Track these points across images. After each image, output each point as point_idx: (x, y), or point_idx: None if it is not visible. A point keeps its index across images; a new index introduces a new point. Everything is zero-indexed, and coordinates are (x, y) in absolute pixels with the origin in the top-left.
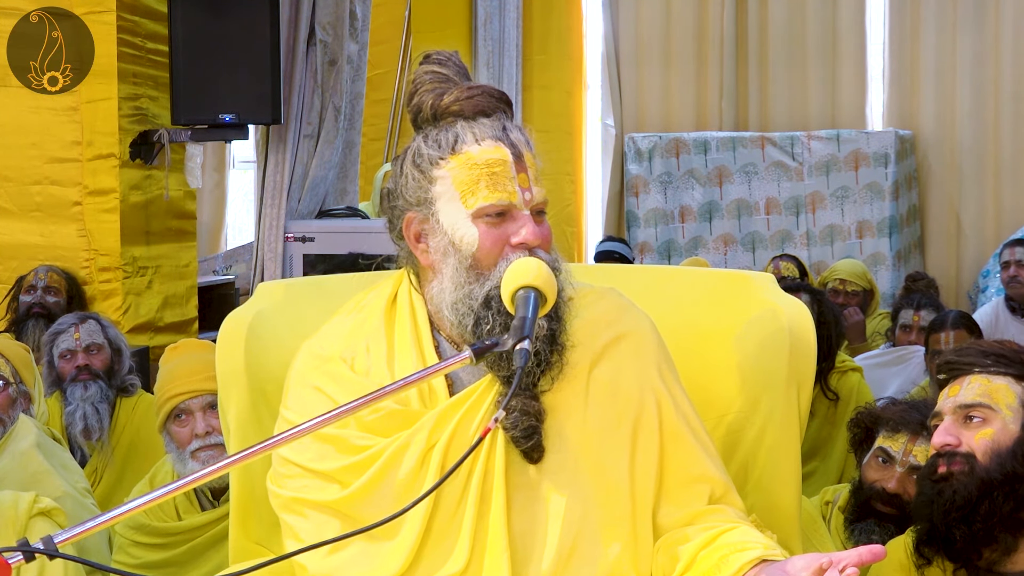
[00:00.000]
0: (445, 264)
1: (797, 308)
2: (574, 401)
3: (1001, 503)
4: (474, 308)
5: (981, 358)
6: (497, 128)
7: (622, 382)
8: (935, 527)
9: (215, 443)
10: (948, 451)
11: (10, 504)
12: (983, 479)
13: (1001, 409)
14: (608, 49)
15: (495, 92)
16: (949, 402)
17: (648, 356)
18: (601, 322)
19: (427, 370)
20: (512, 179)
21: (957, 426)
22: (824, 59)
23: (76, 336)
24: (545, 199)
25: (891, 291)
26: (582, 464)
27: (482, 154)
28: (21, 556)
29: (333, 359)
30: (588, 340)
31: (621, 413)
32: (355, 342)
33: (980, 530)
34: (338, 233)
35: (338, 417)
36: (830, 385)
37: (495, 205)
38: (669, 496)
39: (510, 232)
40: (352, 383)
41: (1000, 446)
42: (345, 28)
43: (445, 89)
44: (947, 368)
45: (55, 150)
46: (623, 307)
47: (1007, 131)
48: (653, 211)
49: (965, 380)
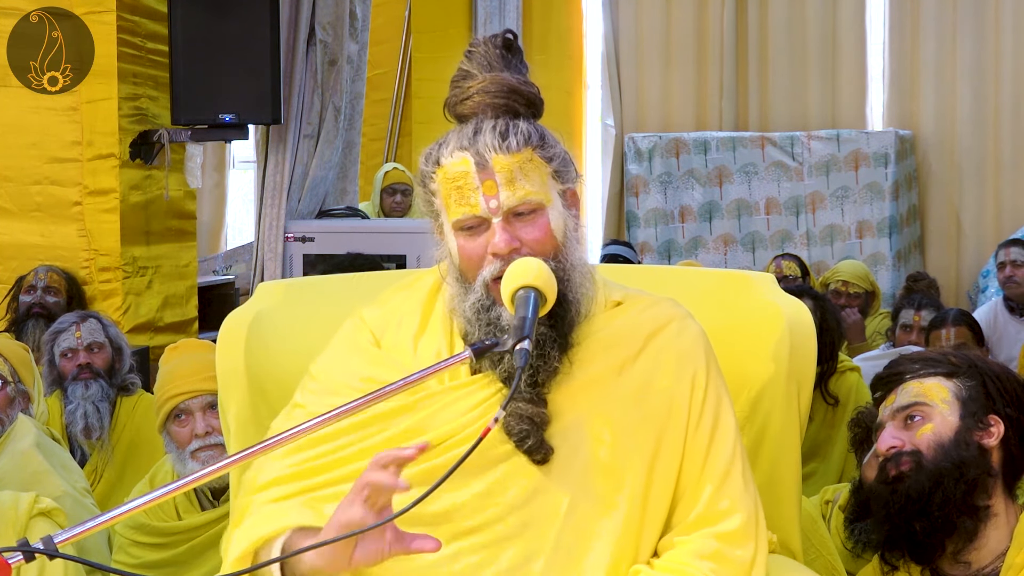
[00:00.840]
0: (448, 270)
1: (797, 308)
2: (593, 407)
3: (953, 489)
4: (466, 315)
5: (909, 364)
6: (469, 134)
7: (653, 392)
8: (895, 526)
9: (215, 443)
10: (895, 453)
11: (10, 504)
12: (931, 471)
13: (937, 404)
14: (608, 49)
15: (492, 87)
16: (888, 411)
17: (687, 369)
18: (645, 327)
19: (427, 370)
20: (475, 190)
21: (899, 429)
22: (824, 59)
23: (77, 335)
24: (525, 200)
25: (891, 291)
26: (592, 467)
27: (452, 167)
28: (21, 556)
29: (364, 329)
30: (627, 342)
31: (647, 423)
32: (391, 318)
33: (939, 518)
34: (338, 233)
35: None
36: (829, 388)
37: (460, 220)
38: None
39: (487, 242)
40: (372, 355)
41: (942, 438)
42: (345, 28)
43: (461, 89)
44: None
45: (55, 150)
46: (674, 315)
47: (1007, 131)
48: (653, 211)
49: (899, 388)
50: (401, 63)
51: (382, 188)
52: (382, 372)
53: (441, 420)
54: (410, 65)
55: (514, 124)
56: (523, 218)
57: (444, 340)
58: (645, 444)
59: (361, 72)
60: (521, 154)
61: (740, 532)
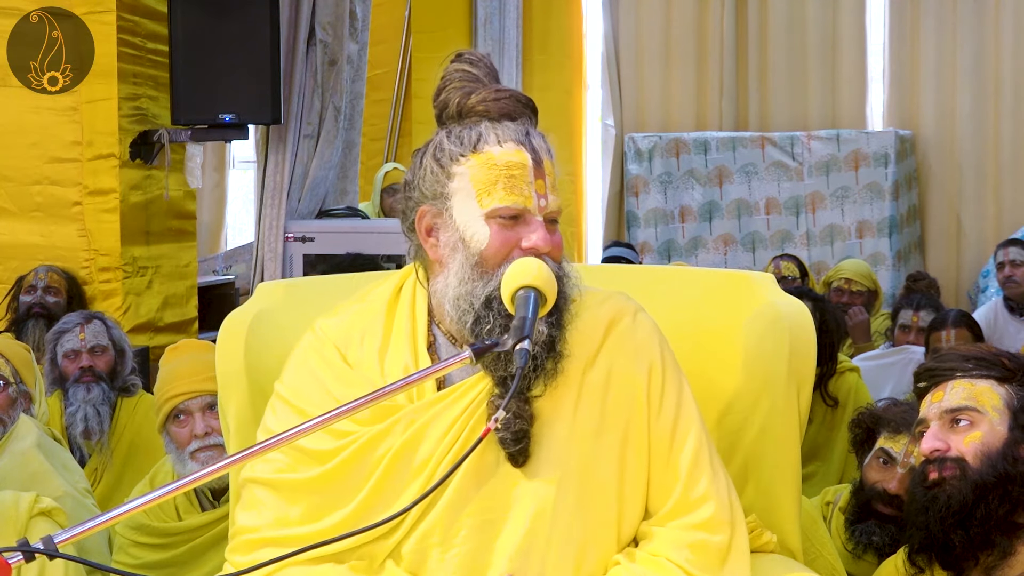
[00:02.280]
0: (453, 259)
1: (797, 308)
2: (564, 405)
3: (996, 506)
4: (475, 306)
5: (962, 362)
6: (520, 132)
7: (614, 385)
8: (932, 535)
9: (215, 444)
10: (938, 456)
11: (11, 504)
12: (976, 482)
13: (987, 411)
14: (608, 49)
15: (522, 98)
16: (934, 408)
17: (643, 360)
18: (600, 325)
19: (427, 370)
20: (529, 184)
21: (945, 431)
22: (824, 59)
23: (81, 337)
24: (559, 208)
25: (891, 291)
26: (565, 469)
27: (503, 156)
28: (21, 556)
29: (328, 344)
30: (585, 342)
31: (612, 416)
32: (352, 332)
33: (977, 534)
34: (338, 233)
35: (334, 419)
36: (828, 389)
37: (510, 208)
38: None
39: (521, 235)
40: (343, 373)
41: (990, 448)
42: (345, 28)
43: (473, 88)
44: (928, 375)
45: (55, 150)
46: (625, 310)
47: (1007, 131)
48: (653, 211)
49: (948, 385)
50: (401, 63)
51: (382, 188)
52: (353, 391)
53: (427, 440)
54: (410, 65)
55: (545, 138)
56: (552, 225)
57: (410, 354)
58: (614, 437)
59: (361, 72)
60: (554, 166)
61: (714, 519)
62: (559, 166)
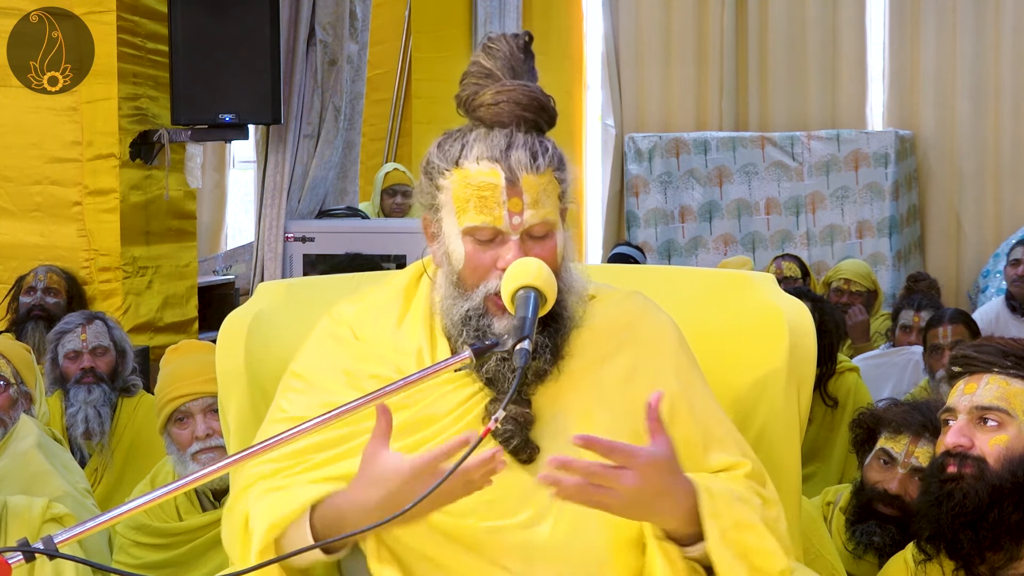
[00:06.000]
0: (441, 271)
1: (797, 308)
2: (581, 400)
3: (1010, 511)
4: (453, 320)
5: (1001, 358)
6: (502, 146)
7: (635, 381)
8: (941, 529)
9: (215, 445)
10: (960, 452)
11: (24, 508)
12: (994, 486)
13: (1018, 415)
14: (608, 49)
15: (523, 99)
16: (965, 400)
17: (665, 357)
18: (620, 322)
19: (426, 370)
20: (501, 204)
21: (971, 427)
22: (824, 59)
23: (83, 337)
24: (544, 221)
25: (891, 291)
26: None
27: (477, 174)
28: (21, 556)
29: (343, 325)
30: (604, 339)
31: (633, 409)
32: (367, 313)
33: (987, 536)
34: (338, 233)
35: (339, 416)
36: (828, 389)
37: (479, 228)
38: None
39: (499, 255)
40: (353, 348)
41: (1013, 453)
42: (345, 28)
43: (479, 88)
44: (963, 361)
45: (55, 150)
46: (645, 309)
47: (1007, 131)
48: (653, 211)
49: (983, 379)
50: (401, 63)
51: (382, 189)
52: (365, 366)
53: (431, 414)
54: (410, 65)
55: (542, 144)
56: (536, 238)
57: (424, 334)
58: (632, 435)
59: (361, 72)
60: (544, 175)
61: (758, 473)
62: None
